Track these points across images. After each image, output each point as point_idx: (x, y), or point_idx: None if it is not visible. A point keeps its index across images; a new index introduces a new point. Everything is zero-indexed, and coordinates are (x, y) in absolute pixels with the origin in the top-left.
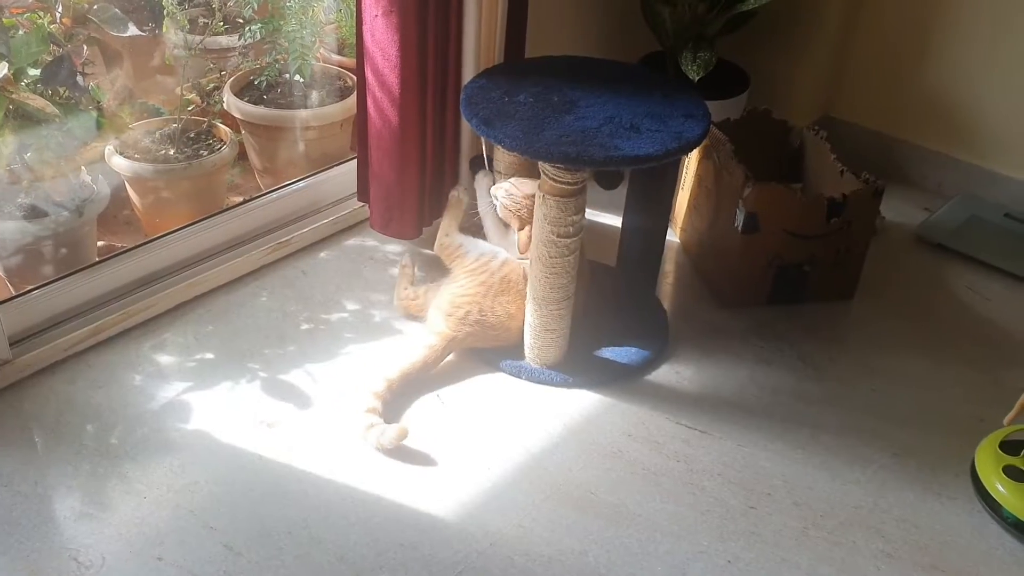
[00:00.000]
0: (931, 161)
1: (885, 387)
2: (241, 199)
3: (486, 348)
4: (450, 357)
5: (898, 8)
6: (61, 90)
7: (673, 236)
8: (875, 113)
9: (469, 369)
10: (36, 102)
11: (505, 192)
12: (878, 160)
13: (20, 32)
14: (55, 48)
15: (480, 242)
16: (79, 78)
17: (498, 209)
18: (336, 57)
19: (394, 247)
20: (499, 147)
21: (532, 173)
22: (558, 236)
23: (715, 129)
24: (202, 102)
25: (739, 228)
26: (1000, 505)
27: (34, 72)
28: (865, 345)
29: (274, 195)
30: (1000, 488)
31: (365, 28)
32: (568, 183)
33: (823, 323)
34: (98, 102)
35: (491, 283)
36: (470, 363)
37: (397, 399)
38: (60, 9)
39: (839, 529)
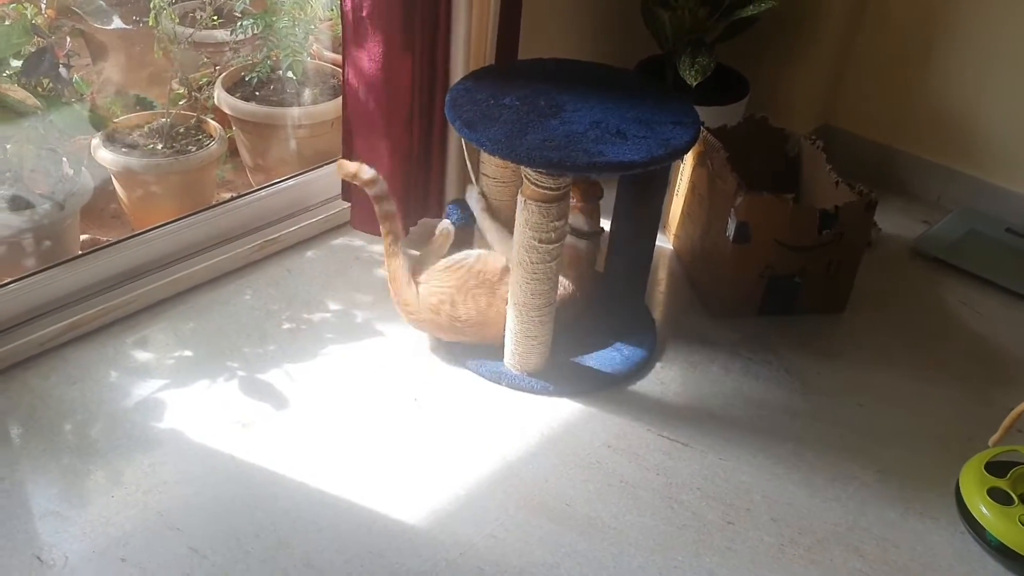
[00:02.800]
0: (931, 173)
1: (872, 403)
2: (232, 195)
3: (461, 343)
4: (429, 359)
5: (901, 18)
6: (44, 82)
7: (668, 243)
8: (876, 123)
9: (448, 373)
10: (17, 94)
11: None
12: (878, 171)
13: (6, 23)
14: (38, 39)
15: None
16: (62, 70)
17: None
18: (329, 54)
19: (380, 247)
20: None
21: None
22: (539, 242)
23: (710, 135)
24: (190, 96)
25: (731, 237)
26: (984, 528)
27: (17, 63)
28: (854, 359)
29: (262, 193)
30: (984, 511)
31: (348, 29)
32: (550, 188)
33: (813, 336)
34: (81, 94)
35: (466, 278)
36: (449, 366)
37: (364, 390)
38: (44, 1)
39: (817, 547)
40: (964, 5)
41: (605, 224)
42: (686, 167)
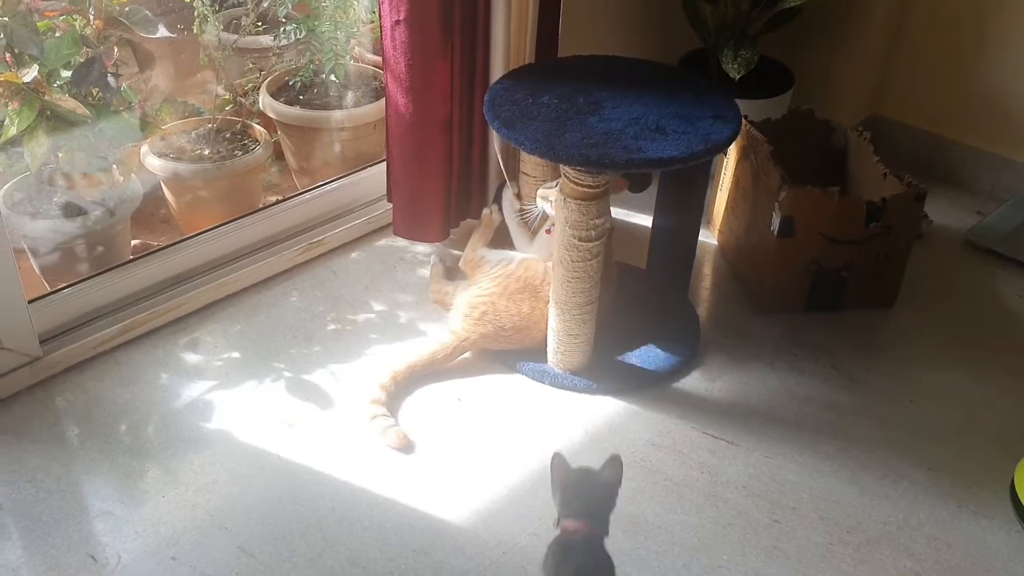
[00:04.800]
0: (984, 162)
1: (923, 399)
2: (278, 198)
3: (504, 350)
4: (471, 359)
5: (952, 4)
6: (94, 91)
7: (712, 238)
8: (926, 112)
9: (491, 372)
10: (67, 103)
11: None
12: (929, 161)
13: (57, 34)
14: (87, 50)
15: (503, 251)
16: (110, 79)
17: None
18: (371, 57)
19: (423, 248)
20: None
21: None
22: (580, 240)
23: (753, 129)
24: (233, 102)
25: (775, 231)
26: None
27: (67, 74)
28: (904, 355)
29: (307, 195)
30: None
31: (386, 35)
32: (589, 186)
33: (861, 331)
34: (129, 103)
35: (508, 283)
36: (492, 366)
37: (408, 392)
38: (93, 12)
39: (866, 546)
40: None
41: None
42: (730, 161)
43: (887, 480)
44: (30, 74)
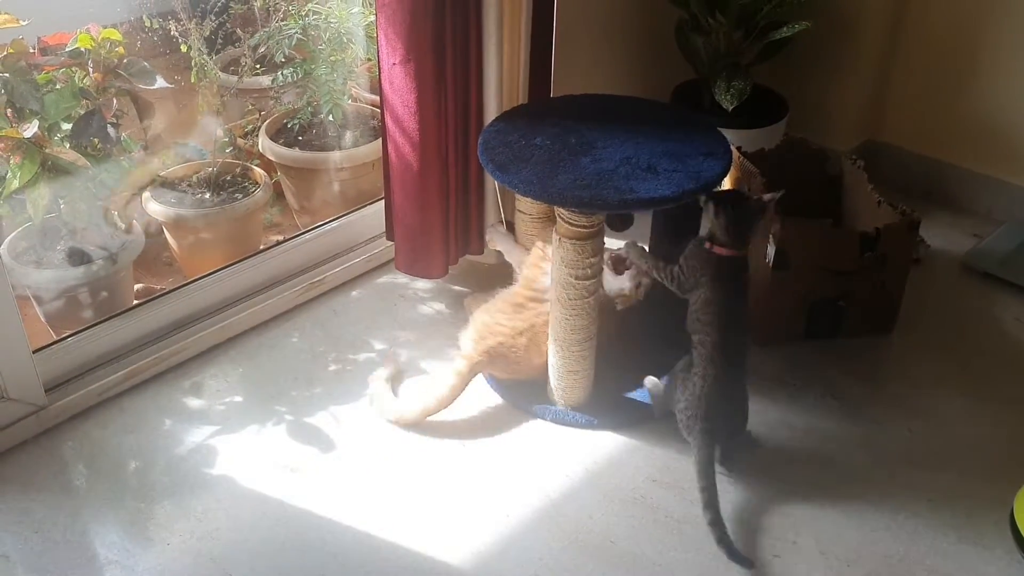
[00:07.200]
0: (981, 185)
1: (922, 428)
2: (280, 237)
3: (506, 378)
4: (472, 398)
5: (943, 29)
6: (95, 141)
7: None
8: (922, 136)
9: (492, 409)
10: (68, 156)
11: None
12: (925, 184)
13: (57, 86)
14: (86, 102)
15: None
16: (110, 130)
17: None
18: (369, 96)
19: (424, 284)
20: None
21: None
22: (576, 278)
23: (746, 161)
24: (235, 144)
25: (770, 263)
26: None
27: (67, 126)
28: (903, 383)
29: (307, 236)
30: None
31: (384, 76)
32: (584, 226)
33: (860, 360)
34: (129, 152)
35: (523, 329)
36: (494, 403)
37: (411, 430)
38: (91, 64)
39: None
40: (1008, 11)
41: None
42: None
43: (887, 512)
44: (31, 129)
